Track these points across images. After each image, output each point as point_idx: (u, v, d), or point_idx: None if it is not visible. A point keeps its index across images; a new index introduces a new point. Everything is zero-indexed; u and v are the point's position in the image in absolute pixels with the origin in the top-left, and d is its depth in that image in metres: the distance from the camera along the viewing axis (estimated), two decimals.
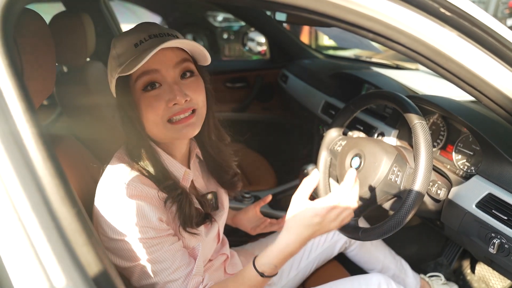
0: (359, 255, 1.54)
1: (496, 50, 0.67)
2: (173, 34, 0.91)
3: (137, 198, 0.85)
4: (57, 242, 0.46)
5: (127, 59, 0.87)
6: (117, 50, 0.89)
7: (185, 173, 0.98)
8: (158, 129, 0.90)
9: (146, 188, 0.88)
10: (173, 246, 0.90)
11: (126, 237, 0.83)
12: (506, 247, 1.03)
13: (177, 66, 0.89)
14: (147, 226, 0.85)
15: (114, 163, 0.92)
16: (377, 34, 0.64)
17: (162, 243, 0.87)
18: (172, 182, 0.93)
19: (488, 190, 1.09)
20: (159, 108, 0.87)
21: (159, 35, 0.89)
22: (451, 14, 0.63)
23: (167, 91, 0.87)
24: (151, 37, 0.88)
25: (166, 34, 0.90)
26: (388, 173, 1.12)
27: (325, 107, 2.02)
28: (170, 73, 0.88)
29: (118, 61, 0.89)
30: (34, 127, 0.47)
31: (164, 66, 0.87)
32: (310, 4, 0.60)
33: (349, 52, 2.92)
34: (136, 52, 0.87)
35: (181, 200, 0.92)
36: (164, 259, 0.87)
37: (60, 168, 0.48)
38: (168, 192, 0.91)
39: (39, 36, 0.81)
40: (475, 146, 1.24)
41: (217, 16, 6.14)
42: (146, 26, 0.91)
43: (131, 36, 0.89)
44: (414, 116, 1.06)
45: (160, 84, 0.88)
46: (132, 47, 0.88)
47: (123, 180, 0.86)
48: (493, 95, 0.72)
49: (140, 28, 0.91)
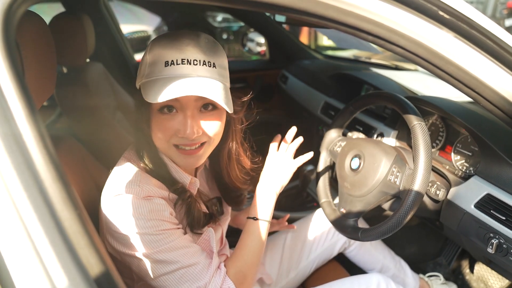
0: (359, 255, 1.54)
1: (494, 52, 0.68)
2: (209, 63, 0.84)
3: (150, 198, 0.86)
4: (59, 244, 0.46)
5: (154, 74, 0.83)
6: (150, 57, 0.84)
7: (191, 181, 0.98)
8: (163, 147, 0.90)
9: (159, 190, 0.89)
10: (187, 236, 0.92)
11: (142, 231, 0.83)
12: (504, 247, 1.03)
13: (200, 99, 0.84)
14: (162, 219, 0.86)
15: (123, 164, 0.92)
16: (377, 37, 0.65)
17: (177, 233, 0.88)
18: (181, 186, 0.94)
19: (486, 190, 1.10)
20: (168, 132, 0.86)
21: (192, 62, 0.82)
22: (450, 17, 0.63)
23: (181, 122, 0.85)
24: (183, 63, 0.81)
25: (201, 62, 0.82)
26: (387, 173, 1.13)
27: (324, 107, 2.03)
28: (190, 106, 0.84)
29: (146, 69, 0.85)
30: (35, 128, 0.47)
31: (185, 98, 0.82)
32: (310, 7, 0.60)
33: (348, 52, 2.92)
34: (163, 73, 0.81)
35: (190, 203, 0.94)
36: (181, 246, 0.87)
37: (61, 170, 0.49)
38: (178, 194, 0.93)
39: (40, 37, 0.81)
40: (473, 147, 1.24)
41: (216, 16, 6.14)
42: (185, 44, 0.83)
43: (166, 50, 0.82)
44: (413, 117, 1.07)
45: (177, 111, 0.85)
46: (162, 63, 0.82)
47: (135, 181, 0.87)
48: (491, 97, 0.73)
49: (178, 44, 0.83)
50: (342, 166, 1.26)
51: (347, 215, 1.22)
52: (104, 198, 0.88)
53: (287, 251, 1.39)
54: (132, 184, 0.86)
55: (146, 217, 0.84)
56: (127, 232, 0.84)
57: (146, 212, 0.84)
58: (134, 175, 0.88)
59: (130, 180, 0.87)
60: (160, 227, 0.85)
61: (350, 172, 1.23)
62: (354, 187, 1.20)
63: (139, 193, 0.85)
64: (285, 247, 1.40)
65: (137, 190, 0.85)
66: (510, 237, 1.02)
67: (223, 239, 1.15)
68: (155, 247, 0.84)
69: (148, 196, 0.85)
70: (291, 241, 1.41)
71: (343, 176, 1.25)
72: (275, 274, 1.35)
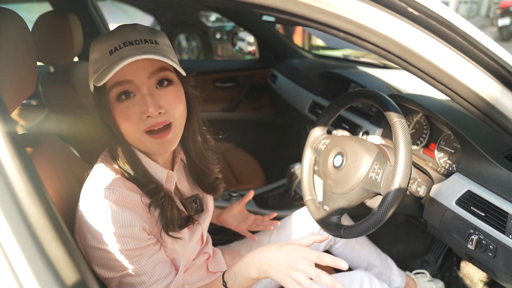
0: (344, 253, 1.55)
1: (464, 49, 0.69)
2: (151, 40, 0.87)
3: (121, 205, 0.84)
4: (25, 238, 0.47)
5: (102, 66, 0.84)
6: (94, 56, 0.87)
7: (168, 175, 0.97)
8: (136, 139, 0.89)
9: (130, 193, 0.87)
10: (153, 258, 0.89)
11: (106, 247, 0.83)
12: (483, 243, 1.05)
13: (152, 76, 0.85)
14: (128, 236, 0.84)
15: (99, 166, 0.92)
16: (348, 33, 0.65)
17: (141, 255, 0.86)
18: (155, 186, 0.92)
19: (467, 187, 1.11)
20: (133, 119, 0.85)
21: (134, 42, 0.84)
22: (419, 14, 0.64)
23: (140, 102, 0.84)
24: (126, 45, 0.84)
25: (143, 41, 0.85)
26: (369, 171, 1.13)
27: (312, 106, 2.04)
28: (144, 83, 0.85)
29: (94, 67, 0.87)
30: (0, 124, 0.47)
31: (137, 76, 0.84)
32: (280, 4, 0.61)
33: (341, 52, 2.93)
34: (110, 60, 0.83)
35: (163, 203, 0.92)
36: (142, 272, 0.86)
37: (29, 165, 0.49)
38: (151, 196, 0.91)
39: (18, 36, 0.81)
40: (456, 145, 1.26)
41: (209, 16, 6.14)
42: (124, 31, 0.87)
43: (108, 42, 0.85)
44: (394, 114, 1.08)
45: (134, 94, 0.85)
46: (107, 53, 0.84)
47: (107, 185, 0.86)
48: (464, 93, 0.74)
49: (117, 33, 0.86)
50: (325, 164, 1.27)
51: (331, 212, 1.23)
52: (79, 203, 0.88)
53: None
54: (103, 189, 0.85)
55: (113, 232, 0.83)
56: (93, 245, 0.84)
57: (114, 227, 0.83)
58: (107, 178, 0.88)
59: (102, 184, 0.86)
60: (125, 246, 0.84)
61: (333, 169, 1.23)
62: (337, 184, 1.20)
63: (110, 198, 0.84)
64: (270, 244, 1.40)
65: (108, 194, 0.84)
66: (489, 233, 1.03)
67: (204, 238, 1.15)
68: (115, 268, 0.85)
69: (119, 200, 0.84)
70: (276, 239, 1.41)
71: (326, 174, 1.26)
72: None
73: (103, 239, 0.82)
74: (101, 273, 0.86)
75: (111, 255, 0.83)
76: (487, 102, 0.76)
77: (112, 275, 0.85)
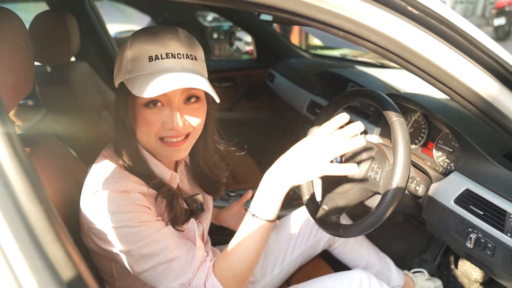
0: (343, 252, 1.55)
1: (463, 47, 0.69)
2: (191, 56, 0.87)
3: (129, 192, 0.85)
4: (24, 238, 0.46)
5: (138, 69, 0.84)
6: (131, 53, 0.85)
7: (171, 176, 0.98)
8: (148, 142, 0.91)
9: (137, 185, 0.88)
10: (168, 228, 0.90)
11: (121, 224, 0.83)
12: (482, 242, 1.05)
13: (185, 92, 0.87)
14: (141, 211, 0.85)
15: (101, 160, 0.92)
16: (347, 32, 0.65)
17: (157, 225, 0.87)
18: (160, 180, 0.94)
19: (466, 186, 1.11)
20: (155, 126, 0.87)
21: (176, 56, 0.84)
22: (419, 13, 0.64)
23: (167, 114, 0.86)
24: (168, 57, 0.83)
25: (184, 56, 0.85)
26: (367, 170, 1.13)
27: (310, 105, 2.04)
28: (176, 98, 0.86)
29: (128, 66, 0.85)
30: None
31: (171, 91, 0.83)
32: (280, 3, 0.61)
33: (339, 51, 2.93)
34: (149, 67, 0.83)
35: (171, 197, 0.94)
36: (162, 238, 0.86)
37: (28, 165, 0.49)
38: (157, 189, 0.92)
39: (15, 36, 0.81)
40: (454, 143, 1.26)
41: (206, 16, 6.12)
42: (167, 39, 0.85)
43: (149, 46, 0.83)
44: (393, 113, 1.08)
45: (162, 104, 0.86)
46: (146, 58, 0.83)
47: (113, 178, 0.86)
48: (463, 92, 0.74)
49: (160, 39, 0.84)
50: None
51: (329, 212, 1.22)
52: (82, 197, 0.88)
53: (271, 248, 1.40)
54: (109, 181, 0.86)
55: (124, 210, 0.83)
56: (106, 227, 0.84)
57: (124, 205, 0.83)
58: (112, 172, 0.88)
59: (107, 177, 0.87)
60: (138, 219, 0.84)
61: None
62: (336, 184, 1.20)
63: (116, 188, 0.84)
64: (269, 244, 1.40)
65: (114, 185, 0.85)
66: (487, 231, 1.03)
67: (204, 237, 1.15)
68: (135, 241, 0.84)
69: (125, 190, 0.85)
70: (275, 238, 1.41)
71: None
72: (259, 272, 1.36)
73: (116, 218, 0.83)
74: (120, 251, 0.85)
75: (128, 229, 0.83)
76: (486, 100, 0.76)
77: (131, 247, 0.84)
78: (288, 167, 0.85)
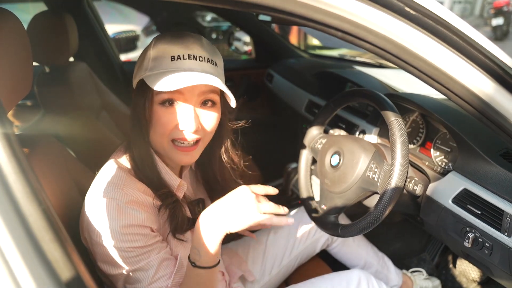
0: (342, 252, 1.56)
1: (460, 47, 0.69)
2: (212, 61, 0.89)
3: (132, 205, 0.85)
4: (23, 239, 0.46)
5: (159, 67, 0.85)
6: (154, 52, 0.87)
7: (179, 184, 0.99)
8: (161, 143, 0.91)
9: (142, 195, 0.88)
10: (160, 255, 0.90)
11: (115, 244, 0.83)
12: (479, 241, 1.05)
13: (202, 95, 0.88)
14: (137, 234, 0.85)
15: (110, 165, 0.92)
16: (345, 33, 0.66)
17: (149, 252, 0.88)
18: (168, 191, 0.94)
19: (463, 185, 1.11)
20: (169, 125, 0.87)
21: (198, 58, 0.86)
22: (416, 13, 0.64)
23: (183, 114, 0.87)
24: (190, 58, 0.86)
25: (205, 59, 0.87)
26: (366, 170, 1.14)
27: (308, 105, 2.04)
28: (193, 99, 0.87)
29: (149, 63, 0.87)
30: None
31: (189, 91, 0.85)
32: (278, 4, 0.61)
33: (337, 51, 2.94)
34: (170, 66, 0.85)
35: (174, 208, 0.94)
36: (149, 267, 0.87)
37: (26, 165, 0.49)
38: (163, 200, 0.92)
39: (13, 36, 0.81)
40: (452, 143, 1.26)
41: (205, 16, 6.12)
42: (190, 42, 0.88)
43: (172, 47, 0.86)
44: (391, 113, 1.08)
45: (179, 104, 0.87)
46: (168, 58, 0.85)
47: (119, 185, 0.86)
48: (460, 92, 0.74)
49: (184, 42, 0.87)
50: (322, 163, 1.27)
51: (328, 211, 1.23)
52: (87, 199, 0.88)
53: (269, 248, 1.40)
54: (115, 188, 0.86)
55: (122, 231, 0.83)
56: (100, 241, 0.84)
57: (123, 226, 0.84)
58: (119, 178, 0.88)
59: (114, 183, 0.87)
60: (133, 244, 0.85)
61: (330, 168, 1.24)
62: (334, 183, 1.21)
63: (121, 199, 0.84)
64: (267, 244, 1.41)
65: (119, 195, 0.85)
66: (485, 231, 1.04)
67: None
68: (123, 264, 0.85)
69: (131, 202, 0.85)
70: (273, 238, 1.42)
71: (324, 173, 1.26)
72: (257, 271, 1.36)
73: (112, 237, 0.83)
74: (108, 270, 0.86)
75: (119, 252, 0.84)
76: (483, 100, 0.77)
77: (119, 271, 0.86)
78: (221, 213, 0.84)
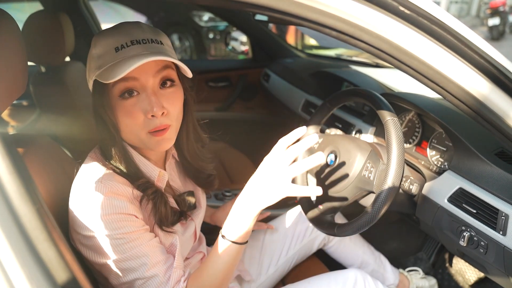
0: (338, 251, 1.56)
1: (455, 47, 0.69)
2: (156, 40, 0.88)
3: (113, 195, 0.84)
4: (17, 238, 0.46)
5: (106, 62, 0.84)
6: (97, 51, 0.86)
7: (159, 174, 0.97)
8: (135, 137, 0.89)
9: (121, 186, 0.87)
10: (152, 241, 0.89)
11: (103, 233, 0.82)
12: (475, 240, 1.06)
13: (157, 75, 0.86)
14: (124, 220, 0.84)
15: (88, 162, 0.92)
16: (340, 32, 0.66)
17: (140, 238, 0.86)
18: (146, 181, 0.93)
19: (459, 184, 1.12)
20: (138, 118, 0.85)
21: (141, 42, 0.85)
22: (410, 12, 0.64)
23: (145, 101, 0.85)
24: (133, 43, 0.84)
25: (150, 41, 0.86)
26: (362, 169, 1.14)
27: (305, 105, 2.04)
28: (149, 82, 0.85)
29: (97, 62, 0.86)
30: None
31: (143, 74, 0.84)
32: (273, 3, 0.61)
33: (334, 51, 2.94)
34: (117, 57, 0.84)
35: (156, 199, 0.92)
36: (142, 254, 0.86)
37: (21, 165, 0.49)
38: (142, 190, 0.91)
39: (7, 36, 0.80)
40: (448, 142, 1.27)
41: (202, 15, 6.12)
42: (129, 28, 0.87)
43: (113, 38, 0.85)
44: (386, 113, 1.08)
45: (138, 92, 0.86)
46: (112, 50, 0.84)
47: (98, 179, 0.86)
48: (455, 91, 0.74)
49: (123, 30, 0.86)
50: None
51: (324, 211, 1.23)
52: (70, 198, 0.88)
53: (266, 247, 1.40)
54: (95, 182, 0.85)
55: (107, 219, 0.82)
56: (88, 234, 0.83)
57: (107, 213, 0.82)
58: (98, 173, 0.87)
59: (93, 177, 0.86)
60: (121, 230, 0.83)
61: (326, 168, 1.24)
62: (330, 183, 1.21)
63: (101, 190, 0.83)
64: (264, 243, 1.41)
65: (99, 186, 0.84)
66: (480, 229, 1.04)
67: (197, 234, 1.15)
68: (116, 254, 0.84)
69: (110, 192, 0.84)
70: (270, 238, 1.42)
71: (320, 173, 1.26)
72: (254, 271, 1.36)
73: (99, 226, 0.82)
74: (100, 260, 0.85)
75: (109, 240, 0.83)
76: (478, 100, 0.77)
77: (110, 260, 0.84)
78: (254, 192, 0.85)
